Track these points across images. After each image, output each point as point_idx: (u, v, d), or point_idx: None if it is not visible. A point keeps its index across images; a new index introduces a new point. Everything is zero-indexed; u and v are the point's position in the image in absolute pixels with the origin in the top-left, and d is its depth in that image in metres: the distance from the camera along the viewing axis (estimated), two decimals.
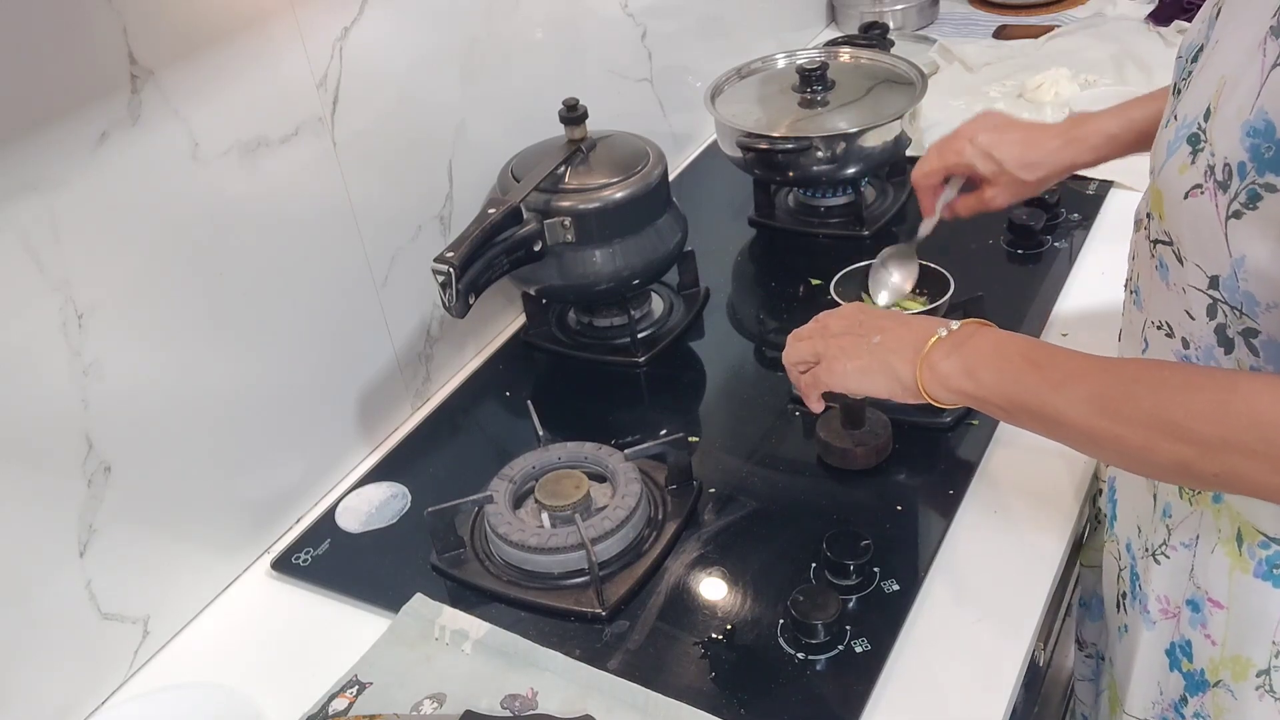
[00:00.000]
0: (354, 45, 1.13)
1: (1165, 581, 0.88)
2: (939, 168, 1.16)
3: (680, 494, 1.10)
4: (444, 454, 1.24)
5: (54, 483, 0.92)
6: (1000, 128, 1.14)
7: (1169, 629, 0.89)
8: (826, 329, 0.94)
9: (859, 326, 0.91)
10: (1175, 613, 0.88)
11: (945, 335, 0.84)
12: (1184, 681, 0.89)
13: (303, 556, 1.11)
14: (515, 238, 1.20)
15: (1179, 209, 0.75)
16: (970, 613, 0.96)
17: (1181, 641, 0.88)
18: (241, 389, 1.08)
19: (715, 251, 1.52)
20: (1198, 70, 0.78)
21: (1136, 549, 0.92)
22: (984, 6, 2.16)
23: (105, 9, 0.89)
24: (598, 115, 1.30)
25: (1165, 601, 0.88)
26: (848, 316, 0.94)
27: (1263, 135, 0.67)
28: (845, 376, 0.90)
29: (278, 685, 0.98)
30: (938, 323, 0.86)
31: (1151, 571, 0.89)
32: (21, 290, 0.87)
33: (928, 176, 1.17)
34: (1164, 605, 0.88)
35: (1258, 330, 0.73)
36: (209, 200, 1.01)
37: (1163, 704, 0.92)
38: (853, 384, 0.90)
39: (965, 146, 1.13)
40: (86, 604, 0.97)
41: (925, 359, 0.84)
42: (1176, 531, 0.85)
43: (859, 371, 0.89)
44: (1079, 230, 1.44)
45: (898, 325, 0.89)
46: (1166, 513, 0.86)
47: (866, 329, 0.90)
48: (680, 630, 0.97)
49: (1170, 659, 0.89)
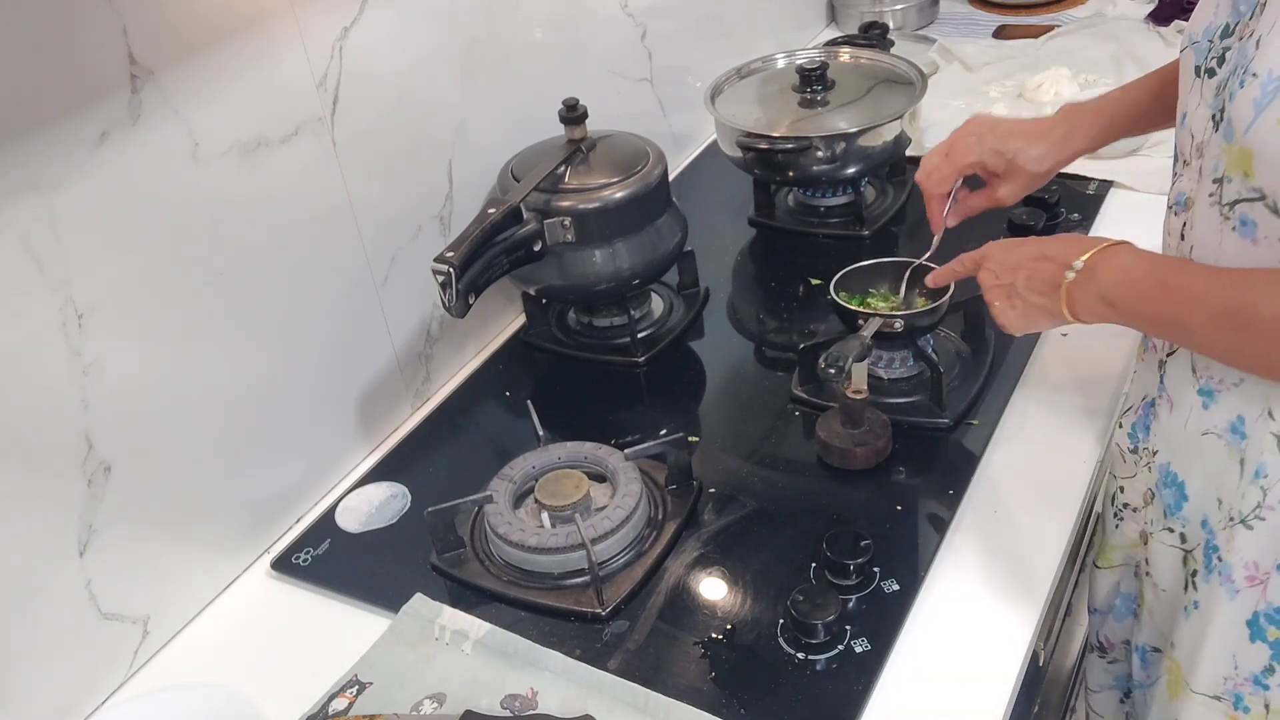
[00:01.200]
0: (354, 45, 1.13)
1: (1259, 546, 0.87)
2: (951, 171, 1.16)
3: (680, 494, 1.10)
4: (444, 454, 1.24)
5: (54, 483, 0.92)
6: (998, 126, 1.14)
7: (1254, 598, 0.88)
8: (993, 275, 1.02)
9: (1006, 274, 1.00)
10: (1265, 579, 0.87)
11: (1078, 269, 0.91)
12: (1270, 651, 0.88)
13: (303, 556, 1.11)
14: (515, 238, 1.20)
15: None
16: (970, 612, 0.96)
17: (1269, 610, 0.88)
18: (241, 389, 1.08)
19: (715, 251, 1.52)
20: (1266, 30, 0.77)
21: (1216, 522, 0.91)
22: (984, 6, 2.16)
23: (105, 9, 0.89)
24: (598, 115, 1.30)
25: (1254, 568, 0.88)
26: (992, 268, 1.02)
27: None
28: (1012, 324, 1.01)
29: (278, 685, 0.98)
30: (1068, 257, 0.92)
31: (1239, 539, 0.88)
32: (21, 290, 0.87)
33: (942, 182, 1.17)
34: (1252, 572, 0.88)
35: None
36: (209, 200, 1.01)
37: (1237, 678, 0.92)
38: (1021, 329, 1.01)
39: (973, 145, 1.14)
40: (86, 604, 0.97)
41: (1066, 295, 0.92)
42: (1273, 490, 0.85)
43: (1021, 317, 0.99)
44: (1079, 230, 1.44)
45: (1031, 262, 0.97)
46: (1260, 472, 0.86)
47: (1010, 276, 0.99)
48: (680, 630, 0.97)
49: (1253, 629, 0.89)
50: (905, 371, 1.21)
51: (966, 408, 1.16)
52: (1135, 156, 1.56)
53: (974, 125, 1.15)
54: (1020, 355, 1.24)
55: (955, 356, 1.23)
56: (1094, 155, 1.54)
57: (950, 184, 1.17)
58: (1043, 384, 1.20)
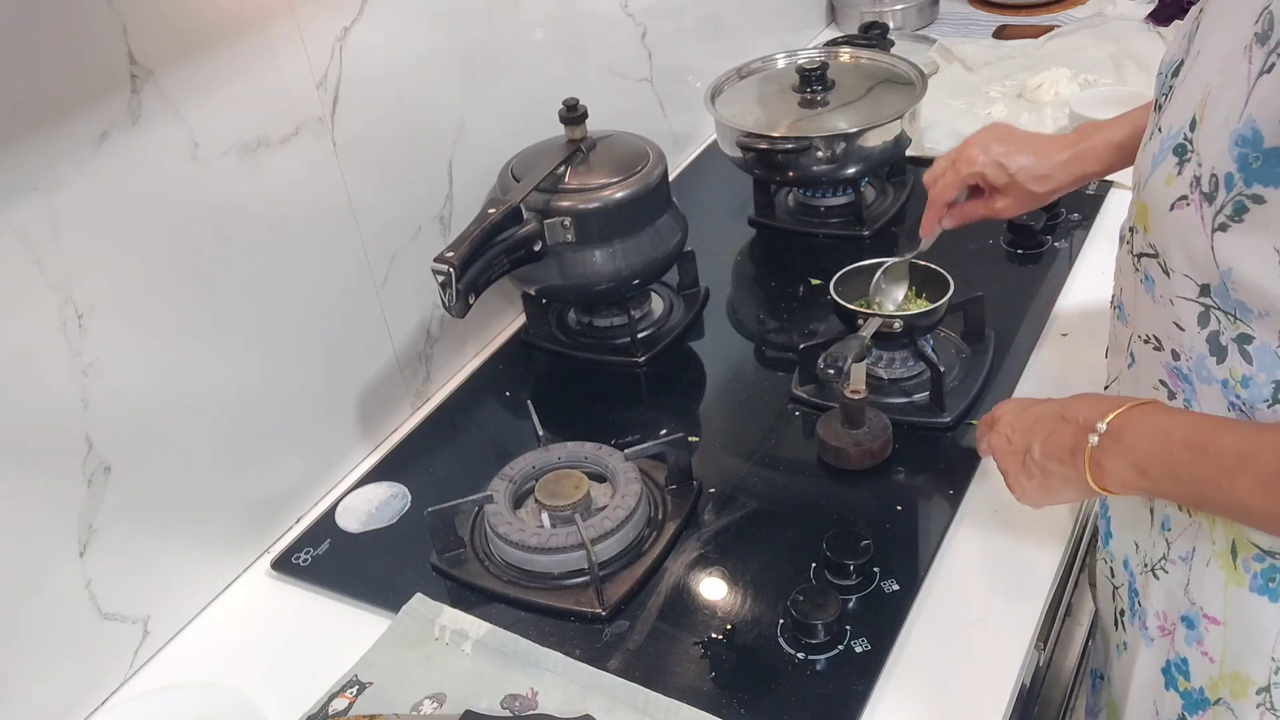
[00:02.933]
0: (354, 45, 1.13)
1: (1163, 597, 0.87)
2: (955, 180, 1.15)
3: (680, 494, 1.10)
4: (444, 454, 1.24)
5: (54, 483, 0.92)
6: (1009, 139, 1.14)
7: (1165, 646, 0.88)
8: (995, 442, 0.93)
9: (1019, 438, 0.90)
10: (1171, 629, 0.87)
11: (1102, 433, 0.80)
12: (1181, 701, 0.88)
13: (303, 556, 1.11)
14: (515, 238, 1.20)
15: (1165, 221, 0.75)
16: (970, 613, 0.96)
17: (1177, 660, 0.87)
18: (241, 389, 1.08)
19: (715, 251, 1.52)
20: (1179, 83, 0.77)
21: (1135, 565, 0.91)
22: (984, 6, 2.16)
23: (105, 9, 0.89)
24: (598, 115, 1.30)
25: (1163, 618, 0.88)
26: (1004, 431, 0.92)
27: (1250, 144, 0.67)
28: (1031, 497, 0.90)
29: (278, 685, 0.98)
30: (1090, 419, 0.81)
31: (1151, 587, 0.88)
32: (21, 290, 0.87)
33: (945, 191, 1.17)
34: (1161, 622, 0.88)
35: (1252, 336, 0.72)
36: (209, 200, 1.01)
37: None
38: (1041, 502, 0.90)
39: (979, 156, 1.13)
40: (86, 604, 0.97)
41: (1090, 461, 0.81)
42: (1175, 544, 0.85)
43: (1039, 490, 0.89)
44: (1079, 230, 1.44)
45: (1047, 424, 0.87)
46: (1165, 525, 0.85)
47: (1023, 441, 0.89)
48: (680, 630, 0.97)
49: (1166, 677, 0.89)
50: (905, 371, 1.21)
51: (966, 408, 1.16)
52: None
53: (984, 135, 1.15)
54: (1020, 355, 1.24)
55: (955, 356, 1.23)
56: None
57: (954, 193, 1.17)
58: (1043, 384, 1.20)
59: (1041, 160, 1.11)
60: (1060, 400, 0.88)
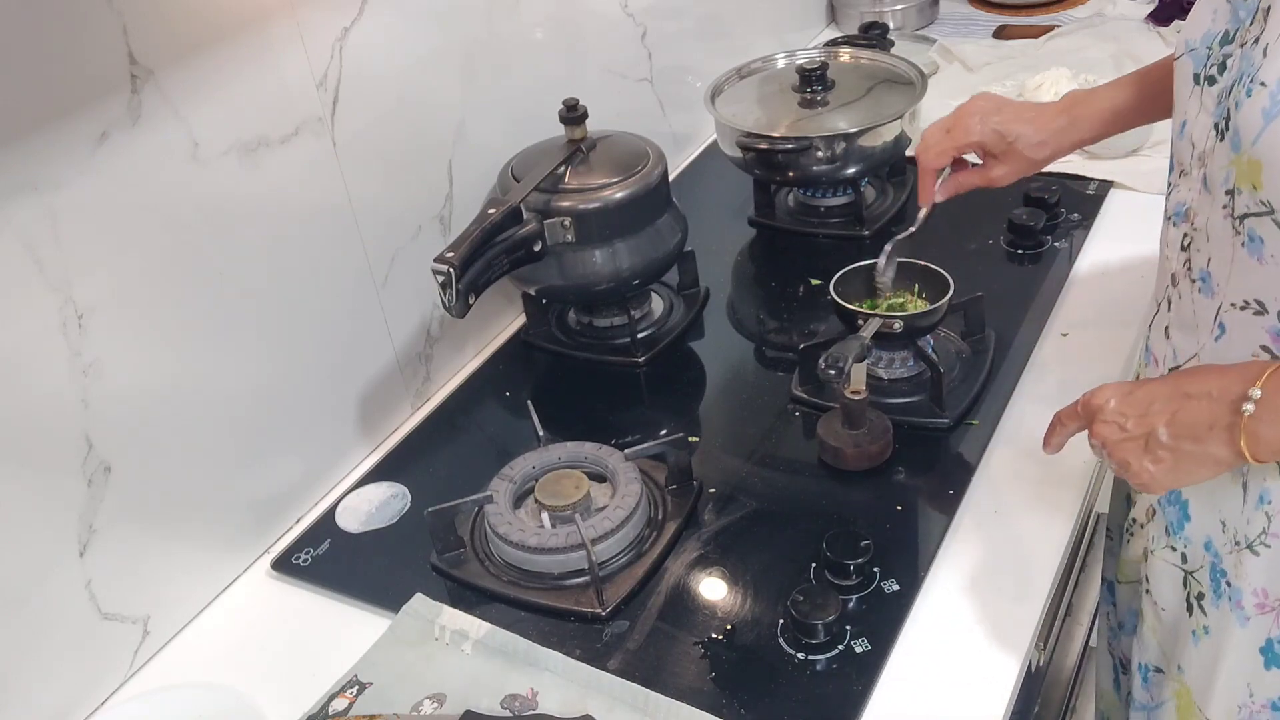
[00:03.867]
0: (354, 45, 1.13)
1: (1265, 573, 0.86)
2: (950, 148, 1.16)
3: (680, 494, 1.10)
4: (444, 454, 1.24)
5: (54, 483, 0.92)
6: (1003, 108, 1.14)
7: (1265, 624, 0.87)
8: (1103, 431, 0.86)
9: (1135, 424, 0.84)
10: (1275, 606, 0.86)
11: (1257, 400, 0.76)
12: None
13: (303, 556, 1.11)
14: (515, 238, 1.20)
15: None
16: (970, 613, 0.96)
17: None
18: (241, 389, 1.08)
19: (715, 251, 1.52)
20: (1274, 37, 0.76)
21: (1221, 545, 0.90)
22: (984, 6, 2.16)
23: (105, 9, 0.89)
24: (598, 115, 1.30)
25: (1263, 595, 0.86)
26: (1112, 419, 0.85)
27: None
28: (1159, 482, 0.83)
29: (278, 685, 0.98)
30: (1229, 390, 0.78)
31: (1245, 565, 0.87)
32: (21, 290, 0.87)
33: (939, 157, 1.17)
34: (1261, 599, 0.87)
35: None
36: (209, 200, 1.01)
37: (1253, 705, 0.90)
38: (1169, 485, 0.85)
39: (975, 124, 1.13)
40: (86, 604, 0.97)
41: (1246, 432, 0.77)
42: (1278, 517, 0.84)
43: (1170, 473, 0.83)
44: (1079, 230, 1.44)
45: (1172, 408, 0.81)
46: (1264, 499, 0.84)
47: (1141, 426, 0.83)
48: (680, 630, 0.97)
49: (1267, 656, 0.88)
50: (905, 372, 1.21)
51: (966, 408, 1.16)
52: (1135, 156, 1.56)
53: (978, 104, 1.15)
54: (1020, 355, 1.24)
55: (955, 356, 1.23)
56: (1094, 155, 1.55)
57: (947, 160, 1.17)
58: (1043, 384, 1.20)
59: (1039, 127, 1.12)
60: (1170, 378, 0.84)
